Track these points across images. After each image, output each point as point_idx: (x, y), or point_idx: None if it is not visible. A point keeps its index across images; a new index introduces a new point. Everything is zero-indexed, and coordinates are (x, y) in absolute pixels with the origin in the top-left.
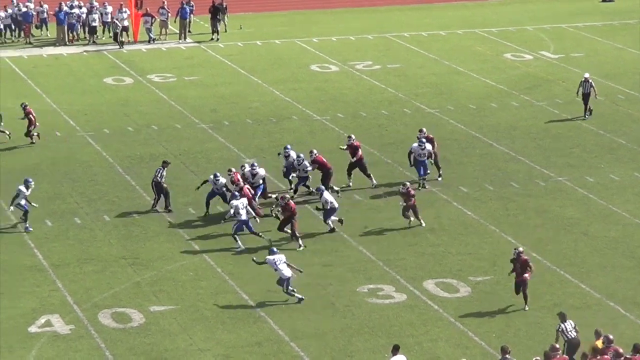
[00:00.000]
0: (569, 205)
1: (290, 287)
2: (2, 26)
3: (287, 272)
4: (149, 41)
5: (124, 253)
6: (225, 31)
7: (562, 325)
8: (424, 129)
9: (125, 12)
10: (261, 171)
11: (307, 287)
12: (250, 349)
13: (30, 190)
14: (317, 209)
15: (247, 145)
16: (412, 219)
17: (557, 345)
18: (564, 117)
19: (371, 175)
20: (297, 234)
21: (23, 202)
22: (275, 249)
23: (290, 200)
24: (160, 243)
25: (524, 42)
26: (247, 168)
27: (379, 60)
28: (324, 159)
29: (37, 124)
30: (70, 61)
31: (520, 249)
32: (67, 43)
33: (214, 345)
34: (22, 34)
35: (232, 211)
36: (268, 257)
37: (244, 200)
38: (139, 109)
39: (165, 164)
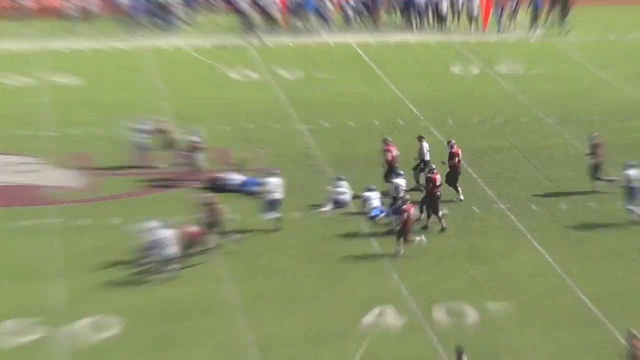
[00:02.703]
0: None
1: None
2: (350, 13)
3: (173, 249)
4: (498, 31)
5: (461, 246)
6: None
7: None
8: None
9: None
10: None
11: None
12: (585, 349)
13: None
14: None
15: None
16: None
17: None
18: None
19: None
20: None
21: None
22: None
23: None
24: (499, 238)
25: None
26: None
27: None
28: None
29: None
30: (417, 49)
31: None
32: (415, 30)
33: (548, 344)
34: (372, 19)
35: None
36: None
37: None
38: (484, 101)
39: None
